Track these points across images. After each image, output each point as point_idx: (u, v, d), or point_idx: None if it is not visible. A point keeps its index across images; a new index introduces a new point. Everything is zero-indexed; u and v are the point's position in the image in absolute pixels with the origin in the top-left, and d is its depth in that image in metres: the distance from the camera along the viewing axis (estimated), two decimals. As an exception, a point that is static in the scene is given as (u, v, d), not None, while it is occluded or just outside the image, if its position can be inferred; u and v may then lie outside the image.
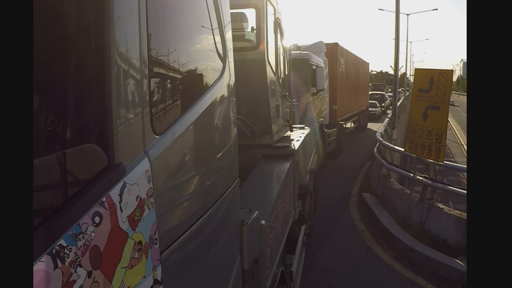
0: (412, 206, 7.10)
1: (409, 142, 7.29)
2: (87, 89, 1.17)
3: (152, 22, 1.38)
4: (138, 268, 1.25)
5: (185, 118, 1.68)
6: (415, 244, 6.30)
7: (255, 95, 4.14)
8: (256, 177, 3.93)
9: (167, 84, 1.63)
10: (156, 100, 1.47)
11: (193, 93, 1.85)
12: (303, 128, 6.58)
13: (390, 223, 7.26)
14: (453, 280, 5.33)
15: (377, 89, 45.38)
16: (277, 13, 4.66)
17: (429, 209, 6.74)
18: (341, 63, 16.17)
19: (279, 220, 3.59)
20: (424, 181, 7.06)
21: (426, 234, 6.52)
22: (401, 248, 6.44)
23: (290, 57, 5.68)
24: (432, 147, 6.60)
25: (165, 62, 1.58)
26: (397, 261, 6.17)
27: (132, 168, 1.25)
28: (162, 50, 1.53)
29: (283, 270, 3.64)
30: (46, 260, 0.91)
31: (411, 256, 6.17)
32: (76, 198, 1.05)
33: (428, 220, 6.69)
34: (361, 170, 12.51)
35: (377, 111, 29.60)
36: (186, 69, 1.78)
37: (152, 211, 1.33)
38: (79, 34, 1.15)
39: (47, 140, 1.09)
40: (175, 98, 1.70)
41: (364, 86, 24.30)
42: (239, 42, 3.91)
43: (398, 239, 6.63)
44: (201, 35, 2.04)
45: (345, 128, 18.22)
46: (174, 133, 1.56)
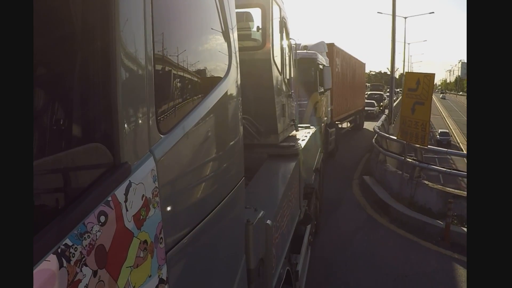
0: (403, 183, 8.92)
1: (401, 131, 9.20)
2: (92, 89, 1.17)
3: (158, 22, 1.38)
4: (144, 267, 1.25)
5: (191, 118, 1.68)
6: (406, 211, 8.14)
7: (261, 94, 4.13)
8: (262, 176, 3.92)
9: (173, 84, 1.63)
10: (161, 100, 1.47)
11: (198, 92, 1.85)
12: (309, 128, 6.57)
13: (386, 197, 9.06)
14: (435, 235, 7.22)
15: (376, 89, 46.88)
16: (282, 12, 4.65)
17: (417, 185, 8.58)
18: (337, 63, 16.27)
19: (284, 219, 3.58)
20: (413, 162, 9.02)
21: (414, 204, 8.32)
22: (395, 214, 8.25)
23: (296, 57, 5.66)
24: (418, 135, 8.47)
25: (171, 62, 1.58)
26: (392, 223, 8.00)
27: (137, 167, 1.25)
28: (167, 50, 1.53)
29: (288, 269, 3.63)
30: (51, 259, 0.91)
31: (402, 219, 7.99)
32: (82, 198, 1.05)
33: (416, 193, 8.53)
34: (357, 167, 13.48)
35: (375, 110, 30.36)
36: (192, 68, 1.78)
37: (157, 210, 1.33)
38: (85, 34, 1.15)
39: (53, 139, 1.09)
40: (180, 98, 1.70)
41: (360, 86, 24.53)
42: (244, 41, 3.90)
43: (392, 208, 8.44)
44: (206, 34, 2.04)
45: (341, 128, 18.25)
46: (179, 132, 1.56)
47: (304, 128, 6.46)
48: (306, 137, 5.55)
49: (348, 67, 19.58)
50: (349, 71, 19.82)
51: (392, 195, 9.08)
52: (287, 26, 4.98)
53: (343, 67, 18.09)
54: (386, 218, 8.29)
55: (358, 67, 23.34)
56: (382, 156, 11.00)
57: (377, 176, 10.78)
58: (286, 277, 3.47)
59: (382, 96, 39.82)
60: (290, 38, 5.22)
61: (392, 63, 19.70)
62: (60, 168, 1.08)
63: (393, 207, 8.45)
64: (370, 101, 31.83)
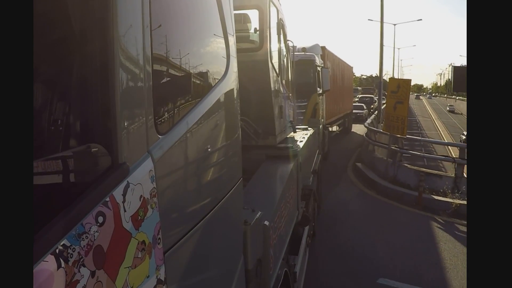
0: (388, 166, 11.29)
1: (385, 125, 11.79)
2: (91, 89, 1.17)
3: (156, 24, 1.39)
4: (142, 268, 1.25)
5: (189, 118, 1.68)
6: (390, 185, 10.53)
7: (258, 96, 4.13)
8: (260, 178, 3.93)
9: (171, 85, 1.63)
10: (159, 100, 1.47)
11: (196, 93, 1.85)
12: (306, 129, 6.58)
13: (374, 177, 11.41)
14: (411, 201, 9.48)
15: (367, 92, 48.64)
16: (280, 14, 4.66)
17: (399, 167, 11.17)
18: (328, 66, 16.28)
19: (282, 220, 3.58)
20: (395, 149, 11.54)
21: (397, 181, 10.69)
22: (380, 188, 10.61)
23: (294, 58, 5.68)
24: (399, 127, 10.96)
25: (169, 63, 1.58)
26: (378, 195, 10.41)
27: (135, 168, 1.25)
28: (166, 51, 1.53)
29: (286, 271, 3.63)
30: (49, 259, 0.92)
31: (386, 192, 10.32)
32: (80, 198, 1.05)
33: (398, 173, 11.02)
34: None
35: (364, 113, 30.39)
36: (190, 69, 1.78)
37: (155, 211, 1.33)
38: (84, 35, 1.15)
39: (51, 139, 1.10)
40: (178, 98, 1.70)
41: (348, 89, 24.69)
42: (242, 43, 3.91)
43: (379, 184, 10.83)
44: (204, 35, 2.04)
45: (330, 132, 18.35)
46: (177, 133, 1.56)
47: (302, 129, 6.47)
48: (304, 138, 5.56)
49: (338, 70, 19.79)
50: (339, 74, 20.04)
51: (379, 175, 11.38)
52: (285, 28, 4.99)
53: (334, 70, 18.23)
54: (373, 191, 10.72)
55: (346, 70, 23.47)
56: (371, 146, 13.74)
57: (366, 162, 13.28)
58: (284, 278, 3.47)
59: (372, 99, 40.12)
60: (287, 40, 5.23)
61: (381, 68, 21.65)
62: (58, 168, 1.08)
63: (379, 183, 10.80)
64: (359, 104, 32.78)
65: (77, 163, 1.12)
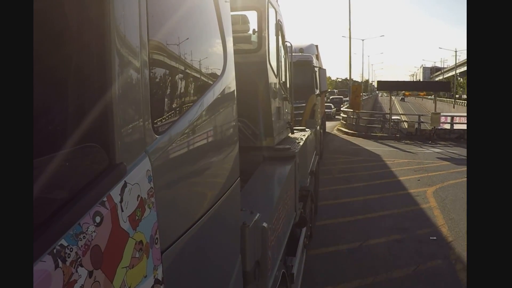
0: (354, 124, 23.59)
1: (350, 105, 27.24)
2: (88, 89, 1.17)
3: (153, 23, 1.39)
4: (139, 268, 1.25)
5: (186, 118, 1.68)
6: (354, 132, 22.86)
7: (256, 97, 4.14)
8: (258, 179, 3.92)
9: (168, 85, 1.63)
10: (157, 100, 1.47)
11: (194, 93, 1.85)
12: (304, 130, 6.58)
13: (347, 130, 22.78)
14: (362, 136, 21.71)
15: (342, 94, 58.14)
16: (278, 15, 4.67)
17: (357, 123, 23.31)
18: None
19: (280, 222, 3.58)
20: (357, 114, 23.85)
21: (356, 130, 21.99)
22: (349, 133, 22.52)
23: (292, 59, 5.68)
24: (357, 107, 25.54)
25: (166, 63, 1.58)
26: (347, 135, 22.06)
27: (133, 168, 1.25)
28: (163, 51, 1.53)
29: (284, 272, 3.63)
30: (47, 260, 0.91)
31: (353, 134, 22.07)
32: (77, 198, 1.05)
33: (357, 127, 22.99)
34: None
35: (332, 112, 36.85)
36: (187, 70, 1.78)
37: (153, 211, 1.33)
38: (81, 34, 1.15)
39: (47, 139, 1.09)
40: (176, 98, 1.70)
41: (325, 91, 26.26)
42: (240, 44, 3.91)
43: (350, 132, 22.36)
44: (202, 36, 2.04)
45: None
46: (175, 133, 1.56)
47: (299, 130, 6.47)
48: (302, 139, 5.56)
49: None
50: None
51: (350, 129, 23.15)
52: (283, 29, 5.00)
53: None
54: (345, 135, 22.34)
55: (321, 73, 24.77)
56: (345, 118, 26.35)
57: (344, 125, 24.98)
58: (282, 279, 3.47)
59: (341, 99, 48.44)
60: (286, 41, 5.24)
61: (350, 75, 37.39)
62: (55, 168, 1.08)
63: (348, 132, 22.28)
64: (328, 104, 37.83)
65: (74, 163, 1.12)
